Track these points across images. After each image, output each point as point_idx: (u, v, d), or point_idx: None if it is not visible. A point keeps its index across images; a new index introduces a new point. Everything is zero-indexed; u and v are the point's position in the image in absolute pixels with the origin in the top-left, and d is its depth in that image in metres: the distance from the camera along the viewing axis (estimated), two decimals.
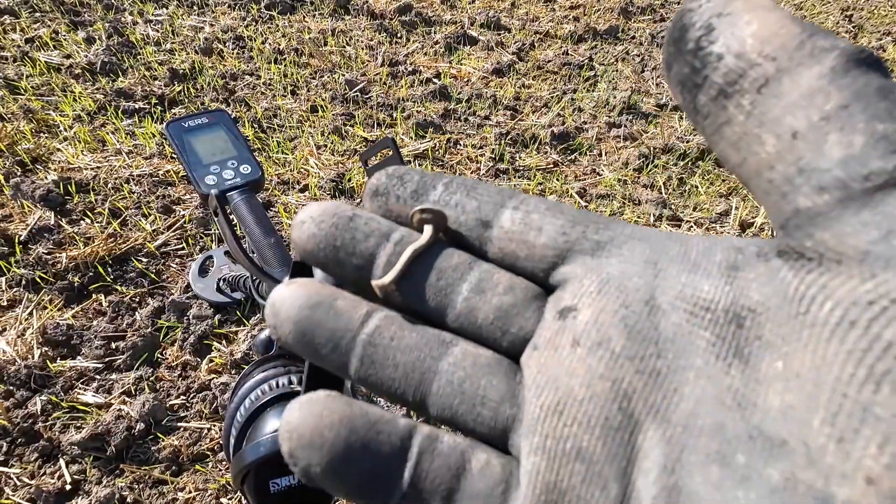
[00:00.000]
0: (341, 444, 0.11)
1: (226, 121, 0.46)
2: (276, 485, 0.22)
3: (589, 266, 0.13)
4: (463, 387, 0.12)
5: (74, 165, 1.26)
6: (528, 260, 0.13)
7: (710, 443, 0.10)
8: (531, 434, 0.12)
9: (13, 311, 0.98)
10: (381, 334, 0.13)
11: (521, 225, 0.13)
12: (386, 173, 0.15)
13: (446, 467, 0.12)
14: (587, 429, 0.11)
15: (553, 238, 0.13)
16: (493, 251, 0.14)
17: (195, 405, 0.90)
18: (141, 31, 1.73)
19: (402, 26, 1.96)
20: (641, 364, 0.11)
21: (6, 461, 0.81)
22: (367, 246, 0.14)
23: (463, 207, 0.14)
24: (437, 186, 0.14)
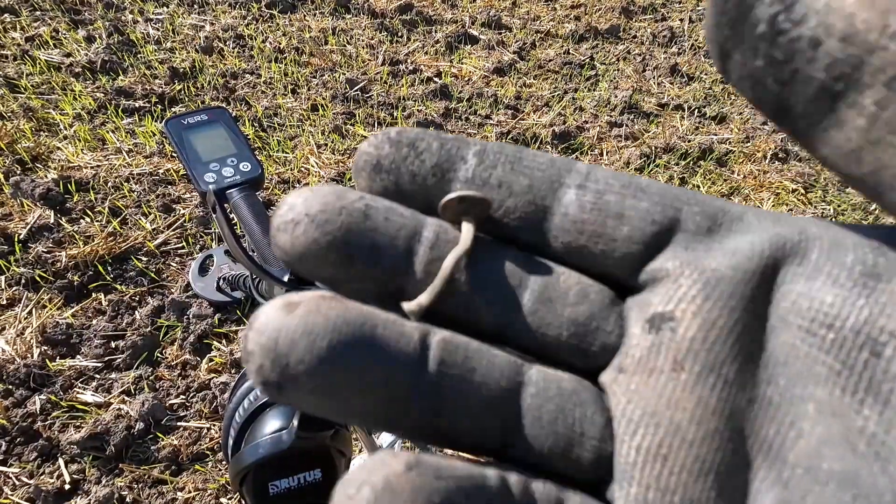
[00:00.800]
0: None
1: (226, 118, 0.46)
2: (275, 487, 0.22)
3: (685, 260, 0.10)
4: (555, 426, 0.10)
5: (74, 164, 1.25)
6: (607, 258, 0.10)
7: (843, 495, 0.08)
8: (627, 483, 0.09)
9: (12, 309, 0.98)
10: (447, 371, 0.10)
11: (594, 212, 0.10)
12: (389, 139, 0.11)
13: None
14: (698, 477, 0.09)
15: (640, 228, 0.10)
16: (556, 246, 0.11)
17: (195, 405, 0.90)
18: (141, 29, 1.73)
19: (402, 25, 1.96)
20: (754, 391, 0.09)
21: (5, 460, 0.81)
22: (393, 253, 0.10)
23: (509, 188, 0.11)
24: (467, 158, 0.11)
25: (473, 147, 0.11)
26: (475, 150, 0.11)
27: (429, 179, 0.11)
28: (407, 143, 0.11)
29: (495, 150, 0.11)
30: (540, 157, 0.11)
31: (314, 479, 0.22)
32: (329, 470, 0.23)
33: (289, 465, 0.22)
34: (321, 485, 0.23)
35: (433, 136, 0.11)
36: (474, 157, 0.11)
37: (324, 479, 0.23)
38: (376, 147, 0.11)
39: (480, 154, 0.11)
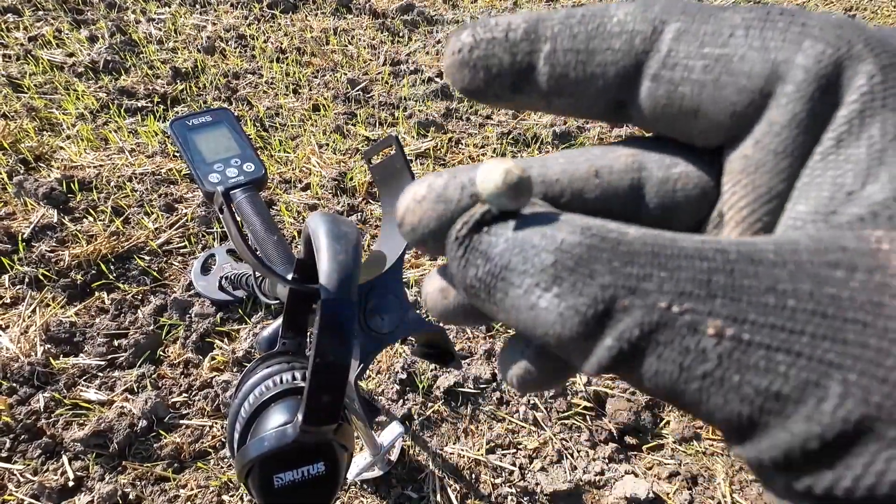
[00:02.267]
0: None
1: (229, 119, 0.46)
2: (280, 480, 0.22)
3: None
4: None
5: (77, 163, 1.26)
6: (689, 133, 0.11)
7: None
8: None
9: (16, 308, 0.99)
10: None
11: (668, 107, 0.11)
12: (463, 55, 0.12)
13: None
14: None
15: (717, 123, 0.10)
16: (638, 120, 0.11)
17: (197, 403, 0.91)
18: (143, 29, 1.73)
19: (404, 25, 1.96)
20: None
21: (9, 458, 0.81)
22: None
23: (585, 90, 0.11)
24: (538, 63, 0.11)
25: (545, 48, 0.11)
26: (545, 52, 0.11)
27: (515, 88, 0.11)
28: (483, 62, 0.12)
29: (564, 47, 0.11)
30: (615, 44, 0.11)
31: (318, 473, 0.23)
32: (332, 463, 0.23)
33: (293, 458, 0.23)
34: (324, 478, 0.23)
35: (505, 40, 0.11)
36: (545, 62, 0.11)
37: (327, 472, 0.23)
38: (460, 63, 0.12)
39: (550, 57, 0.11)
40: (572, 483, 0.85)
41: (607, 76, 0.11)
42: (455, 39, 0.12)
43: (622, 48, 0.10)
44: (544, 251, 0.09)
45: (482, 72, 0.11)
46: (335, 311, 0.20)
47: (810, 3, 2.47)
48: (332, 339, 0.20)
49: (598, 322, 0.09)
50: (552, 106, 0.11)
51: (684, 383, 0.09)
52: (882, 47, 0.09)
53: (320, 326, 0.20)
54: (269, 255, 0.38)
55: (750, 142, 0.10)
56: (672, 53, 0.10)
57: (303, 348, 0.30)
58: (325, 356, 0.20)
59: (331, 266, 0.20)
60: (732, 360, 0.08)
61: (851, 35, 0.09)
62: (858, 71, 0.09)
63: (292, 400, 0.25)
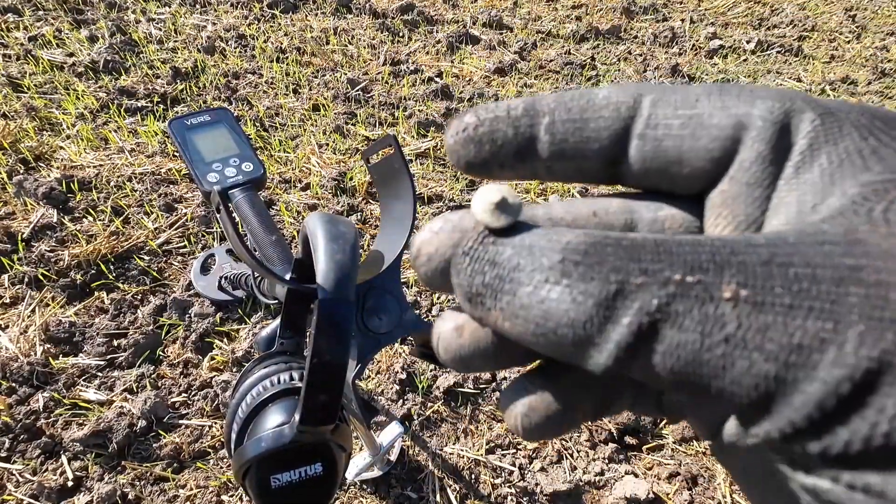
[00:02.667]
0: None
1: (228, 118, 0.46)
2: (277, 480, 0.22)
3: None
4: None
5: (77, 163, 1.26)
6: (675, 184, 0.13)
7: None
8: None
9: (16, 308, 0.99)
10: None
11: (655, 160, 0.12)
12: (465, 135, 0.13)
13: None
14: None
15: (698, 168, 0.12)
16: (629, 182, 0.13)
17: (196, 403, 0.91)
18: (143, 29, 1.73)
19: (404, 25, 1.96)
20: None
21: (8, 457, 0.81)
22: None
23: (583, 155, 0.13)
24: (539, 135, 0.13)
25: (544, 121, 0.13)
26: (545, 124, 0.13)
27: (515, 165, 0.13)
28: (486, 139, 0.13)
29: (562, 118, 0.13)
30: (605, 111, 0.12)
31: (315, 473, 0.23)
32: (329, 464, 0.23)
33: (290, 458, 0.22)
34: (322, 478, 0.23)
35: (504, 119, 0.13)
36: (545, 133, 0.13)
37: (324, 472, 0.23)
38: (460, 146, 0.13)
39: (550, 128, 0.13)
40: (572, 483, 0.85)
41: (601, 138, 0.12)
42: (458, 121, 0.13)
43: (611, 115, 0.12)
44: (551, 251, 0.10)
45: (488, 145, 0.13)
46: (332, 310, 0.20)
47: (811, 2, 2.47)
48: (330, 339, 0.20)
49: (613, 301, 0.09)
50: (553, 171, 0.13)
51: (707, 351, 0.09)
52: (816, 102, 0.12)
53: (317, 326, 0.20)
54: (267, 255, 0.38)
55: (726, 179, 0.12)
56: (653, 116, 0.12)
57: (301, 348, 0.30)
58: (322, 356, 0.20)
59: (328, 266, 0.20)
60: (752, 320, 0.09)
61: (792, 95, 0.12)
62: (803, 119, 0.11)
63: (290, 400, 0.24)
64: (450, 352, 0.13)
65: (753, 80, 1.91)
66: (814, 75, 1.96)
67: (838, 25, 2.31)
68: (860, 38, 2.24)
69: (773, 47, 2.09)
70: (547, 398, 0.12)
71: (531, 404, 0.12)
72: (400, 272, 0.27)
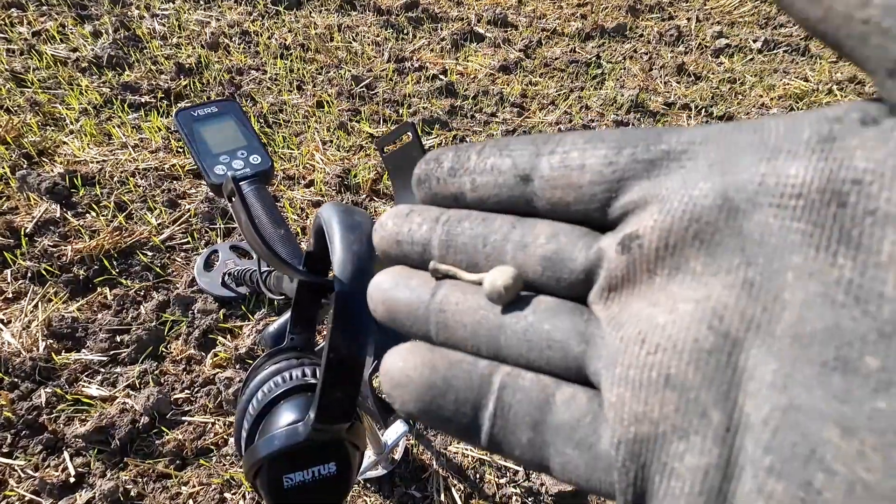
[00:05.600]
0: (425, 384, 0.13)
1: (236, 110, 0.45)
2: (289, 480, 0.21)
3: (646, 189, 0.11)
4: (528, 334, 0.13)
5: (80, 158, 1.25)
6: (579, 203, 0.12)
7: (826, 350, 0.09)
8: (612, 366, 0.11)
9: (18, 303, 0.98)
10: (447, 301, 0.14)
11: (561, 168, 0.12)
12: (424, 160, 0.15)
13: (528, 400, 0.12)
14: (673, 354, 0.10)
15: (598, 172, 0.12)
16: (542, 205, 0.13)
17: (199, 399, 0.90)
18: (147, 25, 1.73)
19: (408, 22, 1.95)
20: (728, 277, 0.10)
21: (10, 453, 0.81)
22: (421, 233, 0.15)
23: (499, 169, 0.13)
24: (470, 157, 0.14)
25: (475, 148, 0.14)
26: (476, 150, 0.14)
27: (447, 180, 0.14)
28: (433, 160, 0.15)
29: (490, 146, 0.14)
30: (525, 139, 0.13)
31: (329, 473, 0.22)
32: (343, 464, 0.23)
33: (304, 458, 0.22)
34: (336, 478, 0.22)
35: (452, 149, 0.15)
36: (475, 154, 0.14)
37: (338, 472, 0.22)
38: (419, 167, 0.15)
39: (480, 152, 0.14)
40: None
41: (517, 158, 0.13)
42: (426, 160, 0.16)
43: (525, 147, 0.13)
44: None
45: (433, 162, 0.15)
46: (350, 303, 0.19)
47: None
48: (347, 334, 0.19)
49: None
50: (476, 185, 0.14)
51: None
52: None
53: (334, 320, 0.19)
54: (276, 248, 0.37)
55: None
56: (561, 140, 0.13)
57: (311, 344, 0.29)
58: (338, 351, 0.19)
59: (345, 256, 0.20)
60: None
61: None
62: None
63: (302, 397, 0.24)
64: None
65: (760, 80, 1.90)
66: (821, 75, 1.95)
67: None
68: None
69: (779, 46, 2.08)
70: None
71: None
72: None
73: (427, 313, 0.14)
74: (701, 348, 0.10)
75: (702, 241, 0.10)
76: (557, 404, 0.12)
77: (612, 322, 0.12)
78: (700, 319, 0.10)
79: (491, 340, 0.13)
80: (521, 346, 0.13)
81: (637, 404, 0.10)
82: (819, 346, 0.09)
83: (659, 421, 0.10)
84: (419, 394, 0.13)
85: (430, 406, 0.13)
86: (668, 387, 0.10)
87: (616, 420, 0.11)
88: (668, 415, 0.10)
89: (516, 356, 0.13)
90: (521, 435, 0.12)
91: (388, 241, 0.15)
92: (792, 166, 0.09)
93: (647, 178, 0.11)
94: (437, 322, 0.14)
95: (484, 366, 0.13)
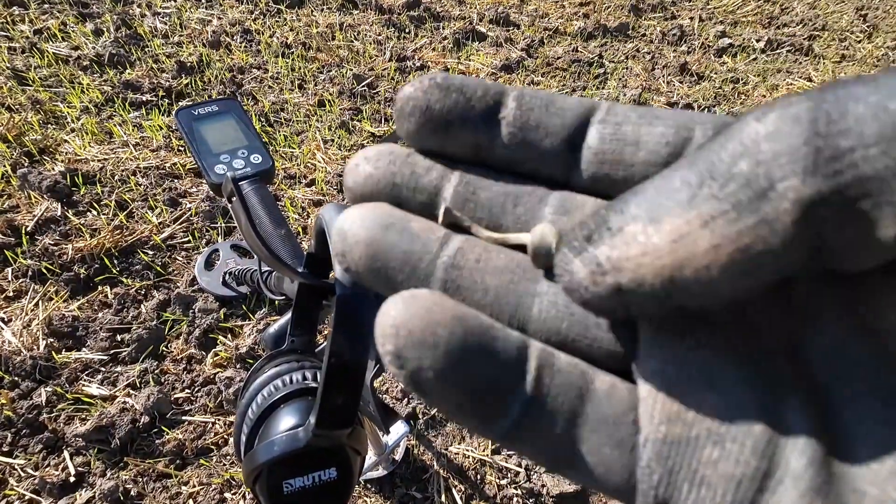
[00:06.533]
0: (457, 344, 0.10)
1: (236, 109, 0.45)
2: (289, 485, 0.21)
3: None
4: (571, 307, 0.11)
5: (81, 157, 1.25)
6: (628, 183, 0.11)
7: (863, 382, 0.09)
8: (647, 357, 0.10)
9: (19, 301, 0.98)
10: (464, 256, 0.11)
11: (613, 142, 0.11)
12: (437, 84, 0.12)
13: (569, 384, 0.10)
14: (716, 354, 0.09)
15: (655, 151, 0.11)
16: (585, 179, 0.12)
17: (200, 399, 0.90)
18: (149, 23, 1.72)
19: (410, 21, 1.95)
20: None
21: (11, 452, 0.81)
22: (430, 179, 0.12)
23: (546, 129, 0.12)
24: (507, 102, 0.12)
25: (513, 92, 0.12)
26: (514, 94, 0.12)
27: (478, 125, 0.12)
28: (455, 89, 0.12)
29: (531, 94, 0.12)
30: (572, 101, 0.12)
31: (329, 478, 0.22)
32: (344, 469, 0.22)
33: (304, 463, 0.21)
34: (336, 484, 0.22)
35: (476, 82, 0.12)
36: (514, 101, 0.12)
37: (339, 478, 0.22)
38: (424, 92, 0.12)
39: (519, 98, 0.12)
40: (579, 485, 0.84)
41: (565, 116, 0.12)
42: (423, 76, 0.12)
43: (574, 103, 0.12)
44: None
45: (455, 93, 0.12)
46: (351, 306, 0.18)
47: (821, 1, 2.45)
48: (349, 338, 0.18)
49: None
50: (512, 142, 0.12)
51: None
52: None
53: (335, 323, 0.18)
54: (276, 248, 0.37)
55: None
56: (612, 109, 0.12)
57: (312, 346, 0.29)
58: (340, 356, 0.18)
59: None
60: None
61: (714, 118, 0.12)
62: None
63: (303, 401, 0.23)
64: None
65: (763, 80, 1.89)
66: (824, 75, 1.94)
67: (849, 25, 2.28)
68: (871, 37, 2.21)
69: (783, 46, 2.07)
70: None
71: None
72: None
73: (431, 268, 0.11)
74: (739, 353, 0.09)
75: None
76: (599, 394, 0.10)
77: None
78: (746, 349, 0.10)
79: (520, 310, 0.11)
80: (562, 320, 0.11)
81: (671, 403, 0.09)
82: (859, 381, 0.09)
83: (694, 423, 0.09)
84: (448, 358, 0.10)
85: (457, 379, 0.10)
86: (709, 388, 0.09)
87: (645, 416, 0.10)
88: (704, 417, 0.09)
89: (551, 332, 0.11)
90: (555, 427, 0.10)
91: (376, 182, 0.12)
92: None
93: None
94: (445, 280, 0.11)
95: (517, 337, 0.10)
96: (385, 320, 0.10)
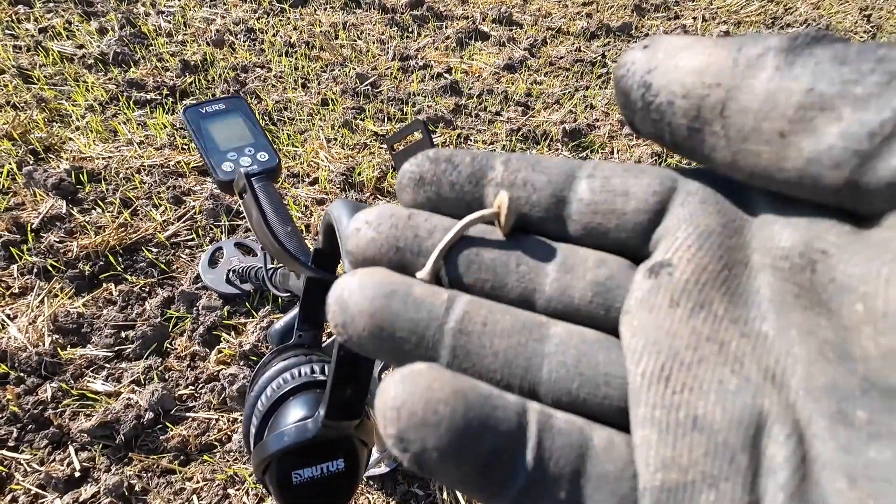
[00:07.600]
0: (459, 420, 0.10)
1: (243, 107, 0.45)
2: (298, 476, 0.22)
3: (682, 217, 0.11)
4: (580, 367, 0.11)
5: (86, 155, 1.26)
6: (620, 230, 0.12)
7: (831, 403, 0.09)
8: (636, 406, 0.10)
9: (25, 298, 0.99)
10: (471, 320, 0.11)
11: (604, 193, 0.12)
12: (428, 157, 0.13)
13: (569, 446, 0.10)
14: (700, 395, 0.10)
15: (643, 200, 0.12)
16: (576, 229, 0.12)
17: (203, 396, 0.90)
18: (153, 22, 1.73)
19: (413, 20, 1.95)
20: (747, 327, 0.10)
21: (16, 447, 0.81)
22: (433, 242, 0.12)
23: (532, 185, 0.12)
24: (495, 166, 0.13)
25: (500, 157, 0.13)
26: (501, 159, 0.13)
27: (465, 186, 0.13)
28: (444, 159, 0.13)
29: (518, 157, 0.13)
30: (557, 160, 0.13)
31: (337, 469, 0.22)
32: (352, 459, 0.23)
33: (313, 454, 0.22)
34: (344, 474, 0.22)
35: (465, 152, 0.13)
36: (501, 164, 0.13)
37: (346, 468, 0.23)
38: (418, 165, 0.13)
39: (506, 162, 0.13)
40: None
41: (552, 173, 0.12)
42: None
43: (560, 164, 0.13)
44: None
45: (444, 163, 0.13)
46: None
47: (825, 1, 2.44)
48: None
49: None
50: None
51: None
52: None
53: None
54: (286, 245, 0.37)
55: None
56: (597, 166, 0.13)
57: (319, 341, 0.29)
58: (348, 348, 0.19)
59: None
60: None
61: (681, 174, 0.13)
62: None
63: (311, 394, 0.24)
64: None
65: None
66: None
67: (853, 25, 2.28)
68: (875, 38, 2.21)
69: None
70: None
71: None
72: None
73: (439, 335, 0.11)
74: (727, 390, 0.10)
75: (727, 287, 0.11)
76: (598, 452, 0.10)
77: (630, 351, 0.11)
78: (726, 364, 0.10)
79: (530, 372, 0.11)
80: (571, 379, 0.11)
81: (664, 448, 0.10)
82: (826, 399, 0.09)
83: (688, 468, 0.09)
84: (451, 438, 0.10)
85: (462, 457, 0.10)
86: (697, 429, 0.10)
87: (641, 464, 0.10)
88: (697, 460, 0.09)
89: (561, 392, 0.11)
90: (560, 490, 0.10)
91: (379, 246, 0.12)
92: (784, 233, 0.10)
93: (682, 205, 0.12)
94: (454, 347, 0.11)
95: (515, 402, 0.10)
96: (386, 401, 0.10)
